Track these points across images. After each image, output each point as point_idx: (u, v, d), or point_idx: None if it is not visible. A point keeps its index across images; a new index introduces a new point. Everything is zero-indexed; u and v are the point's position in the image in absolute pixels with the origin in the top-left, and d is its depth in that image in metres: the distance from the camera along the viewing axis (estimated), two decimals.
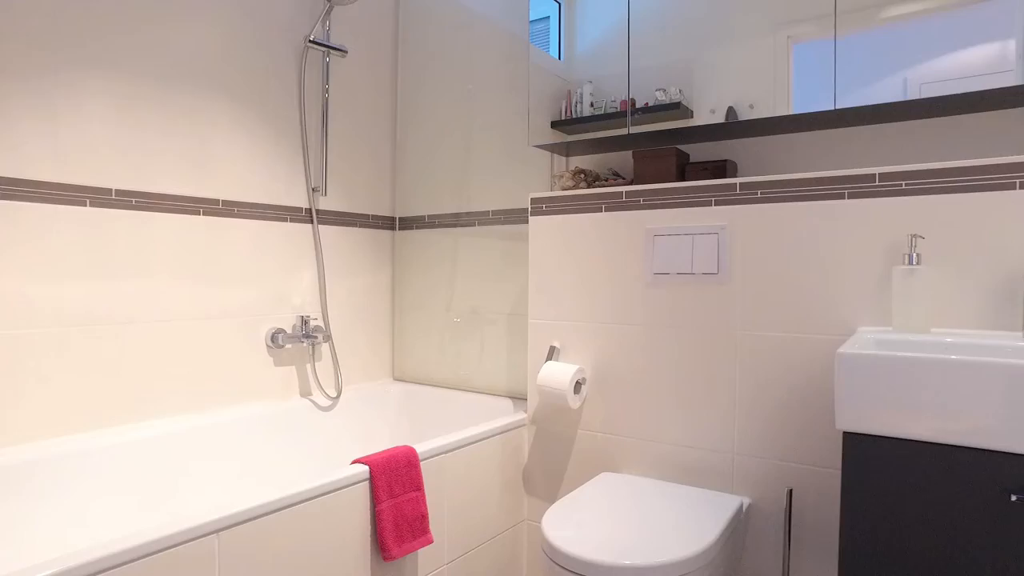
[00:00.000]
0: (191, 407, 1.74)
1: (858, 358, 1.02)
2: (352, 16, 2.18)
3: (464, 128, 2.16)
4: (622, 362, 1.66)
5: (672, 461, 1.60)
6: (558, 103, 1.73)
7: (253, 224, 1.88)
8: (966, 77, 1.24)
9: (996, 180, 1.23)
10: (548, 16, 1.79)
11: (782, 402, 1.45)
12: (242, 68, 1.85)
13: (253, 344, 1.89)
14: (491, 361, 2.10)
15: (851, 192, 1.38)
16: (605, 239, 1.68)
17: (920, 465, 0.98)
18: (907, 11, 1.28)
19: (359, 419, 2.11)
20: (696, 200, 1.55)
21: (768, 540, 1.48)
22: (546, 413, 1.80)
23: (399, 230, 2.34)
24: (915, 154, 1.41)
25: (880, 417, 1.00)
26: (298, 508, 1.22)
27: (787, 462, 1.45)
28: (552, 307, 1.78)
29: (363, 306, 2.24)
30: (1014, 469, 0.92)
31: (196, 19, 1.74)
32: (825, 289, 1.40)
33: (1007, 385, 0.91)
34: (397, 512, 1.41)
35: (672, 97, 1.56)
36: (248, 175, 1.87)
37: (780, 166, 1.56)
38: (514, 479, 1.81)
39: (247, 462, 1.77)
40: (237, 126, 1.84)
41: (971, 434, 0.94)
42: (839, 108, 1.36)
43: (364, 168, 2.24)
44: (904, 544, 1.00)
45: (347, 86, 2.17)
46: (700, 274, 1.54)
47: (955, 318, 1.29)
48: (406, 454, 1.45)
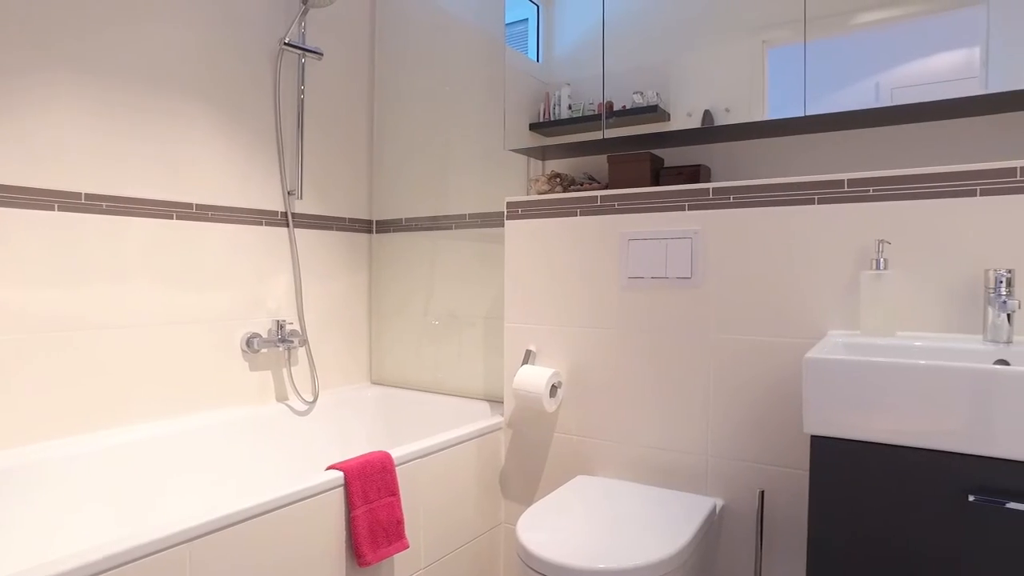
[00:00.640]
0: (165, 413, 1.72)
1: (825, 363, 1.04)
2: (328, 18, 2.16)
3: (442, 131, 2.16)
4: (597, 365, 1.68)
5: (647, 463, 1.61)
6: (536, 105, 1.74)
7: (228, 228, 1.87)
8: (935, 83, 1.26)
9: (958, 187, 1.26)
10: (526, 18, 1.79)
11: (754, 405, 1.47)
12: (216, 70, 1.83)
13: (228, 349, 1.87)
14: (468, 364, 2.10)
15: (821, 197, 1.40)
16: (580, 243, 1.69)
17: (885, 467, 1.00)
18: (878, 17, 1.30)
19: (336, 423, 2.10)
20: (670, 205, 1.57)
21: (741, 541, 1.50)
22: (522, 416, 1.81)
23: (376, 233, 2.33)
24: (886, 159, 1.44)
25: (846, 421, 1.02)
26: (271, 516, 1.21)
27: (759, 464, 1.47)
28: (528, 311, 1.78)
29: (340, 310, 2.23)
30: (972, 470, 0.94)
31: (168, 20, 1.72)
32: (796, 293, 1.42)
33: (966, 389, 0.93)
34: (372, 518, 1.40)
35: (649, 100, 1.57)
36: (222, 178, 1.85)
37: (754, 170, 1.58)
38: (491, 483, 1.81)
39: (223, 468, 1.76)
40: (211, 129, 1.82)
41: (932, 436, 0.96)
42: (809, 115, 1.38)
43: (340, 171, 2.23)
44: (869, 543, 1.02)
45: (323, 88, 2.16)
46: (674, 278, 1.55)
47: (921, 321, 1.31)
48: (381, 459, 1.45)
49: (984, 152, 1.33)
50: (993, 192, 1.23)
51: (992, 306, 1.17)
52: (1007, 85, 1.19)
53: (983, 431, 0.92)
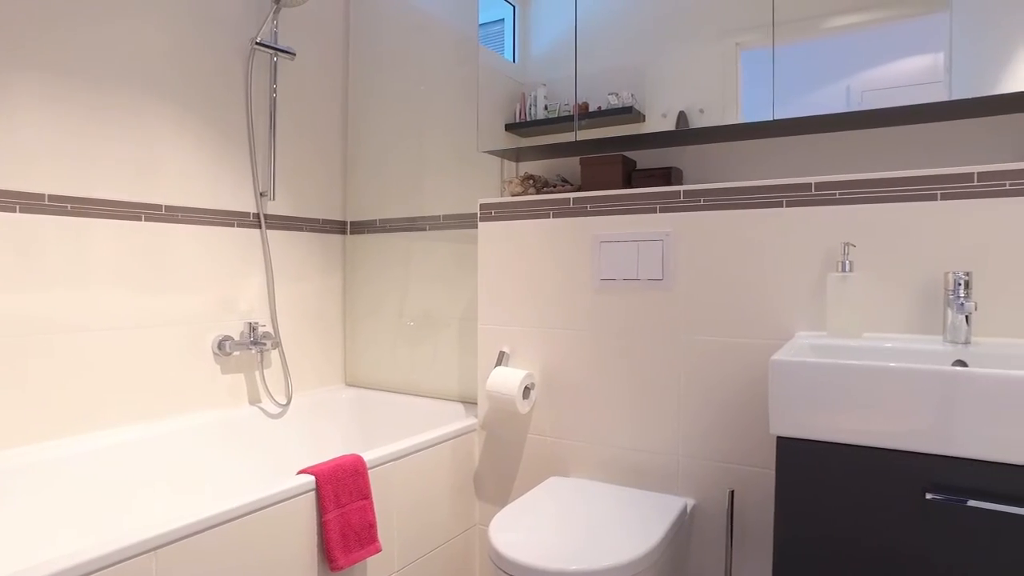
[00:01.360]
0: (134, 418, 1.70)
1: (790, 365, 1.05)
2: (301, 17, 2.14)
3: (416, 131, 2.16)
4: (570, 367, 1.68)
5: (619, 464, 1.62)
6: (512, 105, 1.74)
7: (198, 230, 1.84)
8: (904, 86, 1.28)
9: (920, 191, 1.29)
10: (503, 18, 1.79)
11: (725, 405, 1.49)
12: (185, 70, 1.81)
13: (199, 352, 1.85)
14: (443, 365, 2.10)
15: (789, 200, 1.42)
16: (553, 245, 1.70)
17: (848, 467, 1.02)
18: (848, 22, 1.32)
19: (310, 426, 2.09)
20: (641, 207, 1.58)
21: (712, 539, 1.51)
22: (496, 418, 1.81)
23: (350, 234, 2.32)
24: (856, 163, 1.45)
25: (811, 422, 1.04)
26: (240, 522, 1.20)
27: (730, 463, 1.49)
28: (501, 312, 1.79)
29: (314, 311, 2.21)
30: (930, 469, 0.96)
31: (135, 19, 1.69)
32: (765, 295, 1.44)
33: (925, 390, 0.95)
34: (344, 522, 1.40)
35: (624, 101, 1.57)
36: (193, 180, 1.83)
37: (726, 172, 1.60)
38: (465, 484, 1.81)
39: (194, 474, 1.74)
40: (181, 130, 1.80)
41: (893, 436, 0.98)
42: (777, 119, 1.40)
43: (314, 172, 2.21)
44: (834, 542, 1.04)
45: (296, 88, 2.14)
46: (645, 280, 1.57)
47: (885, 322, 1.34)
48: (353, 463, 1.44)
49: (950, 156, 1.36)
50: (953, 196, 1.26)
51: (951, 308, 1.20)
52: (970, 92, 1.22)
53: (942, 431, 0.95)
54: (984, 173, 1.23)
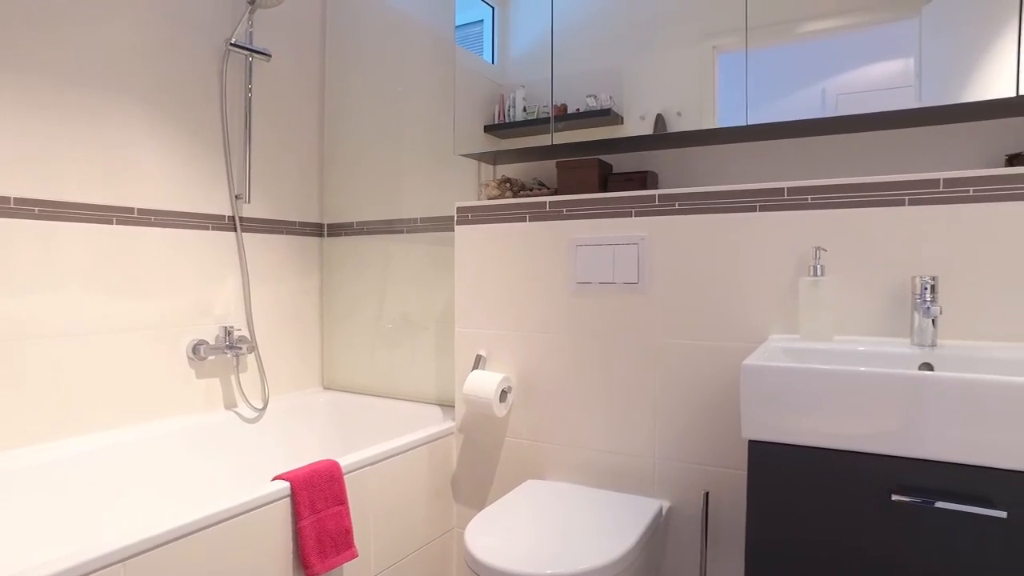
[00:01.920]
0: (107, 425, 1.67)
1: (761, 370, 1.07)
2: (277, 18, 2.13)
3: (394, 133, 2.15)
4: (547, 370, 1.69)
5: (596, 467, 1.63)
6: (492, 107, 1.73)
7: (172, 233, 1.82)
8: (877, 90, 1.30)
9: (888, 196, 1.31)
10: (482, 20, 1.78)
11: (700, 407, 1.50)
12: (158, 71, 1.78)
13: (173, 356, 1.83)
14: (421, 368, 2.09)
15: (762, 205, 1.44)
16: (530, 249, 1.70)
17: (817, 469, 1.04)
18: (822, 27, 1.34)
19: (287, 430, 2.08)
20: (617, 211, 1.59)
21: (687, 540, 1.53)
22: (473, 421, 1.81)
23: (327, 237, 2.30)
24: (830, 167, 1.47)
25: (781, 425, 1.05)
26: (214, 530, 1.19)
27: (705, 465, 1.50)
28: (478, 316, 1.79)
29: (290, 314, 2.19)
30: (895, 471, 0.98)
31: (105, 19, 1.66)
32: (739, 298, 1.46)
33: (892, 394, 0.97)
34: (320, 528, 1.39)
35: (603, 103, 1.58)
36: (166, 182, 1.81)
37: (703, 176, 1.61)
38: (442, 488, 1.81)
39: (168, 481, 1.72)
40: (154, 132, 1.77)
41: (861, 439, 1.00)
42: (750, 124, 1.41)
43: (290, 174, 2.20)
44: (805, 544, 1.05)
45: (272, 90, 2.12)
46: (621, 284, 1.58)
47: (856, 325, 1.36)
48: (328, 468, 1.43)
49: (921, 161, 1.38)
50: (920, 202, 1.28)
51: (918, 311, 1.22)
52: (938, 99, 1.24)
53: (907, 434, 0.96)
54: (949, 179, 1.26)
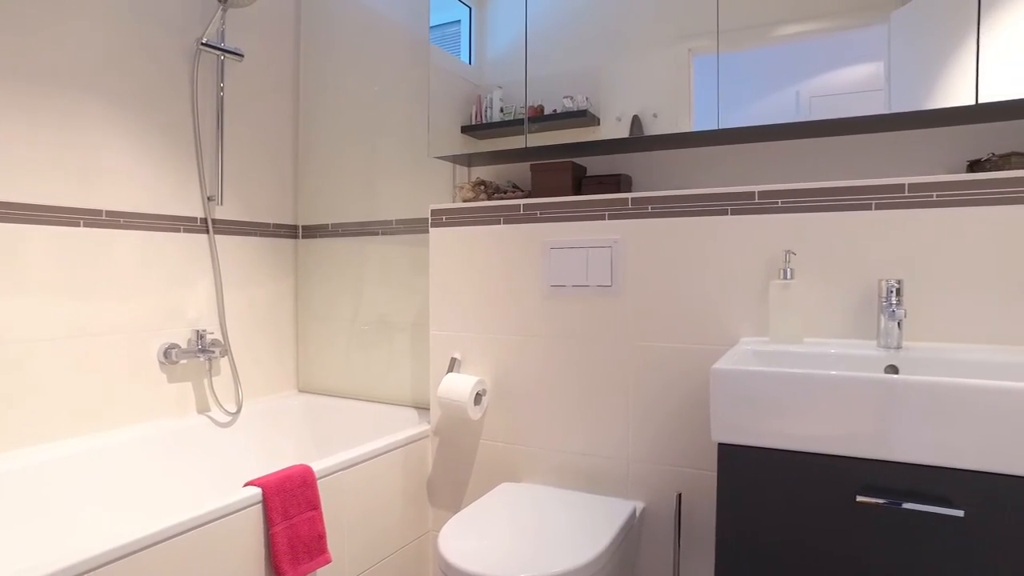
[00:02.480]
0: (74, 431, 1.64)
1: (730, 374, 1.08)
2: (249, 18, 2.10)
3: (370, 134, 2.13)
4: (522, 373, 1.69)
5: (570, 469, 1.64)
6: (469, 108, 1.73)
7: (142, 235, 1.79)
8: (848, 93, 1.31)
9: (856, 200, 1.33)
10: (459, 20, 1.78)
11: (672, 409, 1.51)
12: (126, 71, 1.76)
13: (143, 361, 1.80)
14: (397, 371, 2.09)
15: (734, 209, 1.45)
16: (504, 251, 1.70)
17: (786, 471, 1.05)
18: (795, 31, 1.35)
19: (261, 434, 2.06)
20: (590, 214, 1.59)
21: (661, 541, 1.54)
22: (448, 424, 1.81)
23: (302, 239, 2.29)
24: (802, 170, 1.48)
25: (751, 428, 1.06)
26: (183, 539, 1.17)
27: (678, 467, 1.51)
28: (453, 319, 1.78)
29: (265, 317, 2.17)
30: (859, 472, 1.00)
31: (71, 17, 1.63)
32: (710, 301, 1.47)
33: (855, 397, 0.99)
34: (292, 534, 1.38)
35: (579, 105, 1.58)
36: (136, 184, 1.78)
37: (677, 178, 1.61)
38: (418, 491, 1.81)
39: (139, 488, 1.69)
40: (123, 133, 1.75)
41: (827, 441, 1.01)
42: (722, 128, 1.42)
43: (264, 176, 2.17)
44: (774, 543, 1.06)
45: (245, 90, 2.10)
46: (594, 287, 1.58)
47: (825, 327, 1.38)
48: (301, 473, 1.42)
49: (890, 166, 1.40)
50: (886, 206, 1.31)
51: (884, 314, 1.24)
52: (905, 104, 1.26)
53: (872, 436, 0.98)
54: (913, 184, 1.28)
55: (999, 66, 1.19)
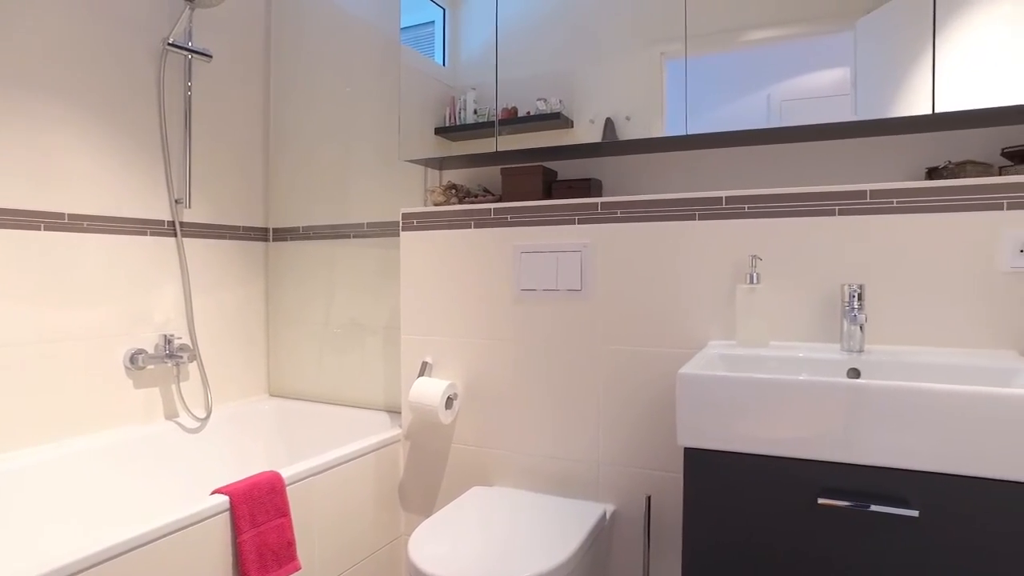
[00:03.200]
0: (35, 440, 1.61)
1: (695, 379, 1.09)
2: (218, 18, 2.07)
3: (342, 136, 2.12)
4: (493, 377, 1.69)
5: (541, 472, 1.64)
6: (443, 109, 1.72)
7: (106, 239, 1.76)
8: (817, 97, 1.33)
9: (820, 206, 1.35)
10: (433, 21, 1.77)
11: (642, 412, 1.53)
12: (90, 71, 1.72)
13: (109, 367, 1.77)
14: (369, 374, 2.07)
15: (701, 213, 1.47)
16: (475, 255, 1.70)
17: (749, 475, 1.07)
18: (764, 36, 1.37)
19: (231, 440, 2.03)
20: (560, 218, 1.60)
21: (631, 543, 1.55)
22: (420, 428, 1.81)
23: (273, 241, 2.26)
24: (771, 175, 1.50)
25: (716, 433, 1.08)
26: (148, 548, 1.16)
27: (647, 469, 1.53)
28: (424, 322, 1.78)
29: (235, 321, 2.15)
30: (820, 475, 1.02)
31: (30, 15, 1.59)
32: (679, 305, 1.49)
33: (815, 401, 1.01)
34: (261, 541, 1.37)
35: (552, 107, 1.58)
36: (100, 187, 1.75)
37: (647, 183, 1.63)
38: (389, 495, 1.80)
39: (102, 496, 1.66)
40: (85, 134, 1.71)
41: (789, 445, 1.03)
42: (690, 134, 1.44)
43: (234, 178, 2.15)
44: (739, 545, 1.08)
45: (214, 92, 2.07)
46: (565, 291, 1.59)
47: (790, 331, 1.40)
48: (270, 480, 1.41)
49: (855, 172, 1.43)
50: (849, 212, 1.33)
51: (846, 318, 1.26)
52: (869, 111, 1.28)
53: (833, 440, 1.00)
54: (875, 191, 1.31)
55: (954, 77, 1.22)
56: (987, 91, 1.20)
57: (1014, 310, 1.22)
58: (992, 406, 0.91)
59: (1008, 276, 1.23)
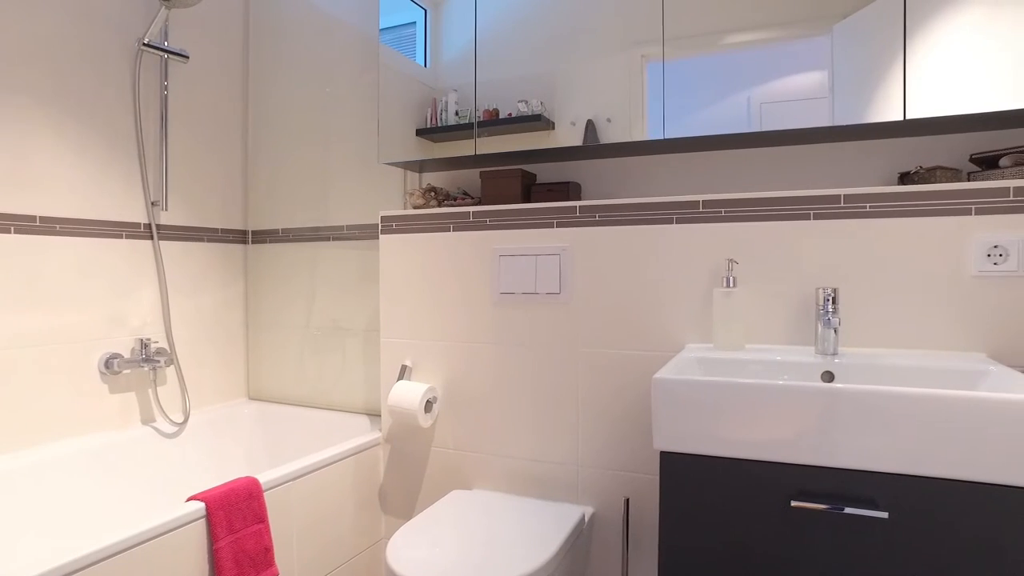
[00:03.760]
0: (7, 447, 1.58)
1: (671, 383, 1.10)
2: (196, 18, 2.05)
3: (321, 138, 2.10)
4: (473, 380, 1.69)
5: (521, 475, 1.65)
6: (424, 110, 1.71)
7: (80, 242, 1.74)
8: (796, 100, 1.34)
9: (795, 210, 1.37)
10: (414, 22, 1.76)
11: (621, 415, 1.53)
12: (63, 72, 1.70)
13: (83, 372, 1.74)
14: (350, 377, 2.07)
15: (679, 217, 1.48)
16: (454, 259, 1.70)
17: (724, 478, 1.08)
18: (745, 39, 1.38)
19: (210, 444, 2.01)
20: (539, 222, 1.60)
21: (610, 546, 1.56)
22: (400, 432, 1.80)
23: (252, 244, 2.24)
24: (748, 179, 1.51)
25: (691, 437, 1.09)
26: (121, 558, 1.14)
27: (626, 472, 1.53)
28: (404, 326, 1.78)
29: (213, 324, 2.13)
30: (794, 478, 1.03)
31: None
32: (657, 308, 1.50)
33: (788, 405, 1.02)
34: (238, 548, 1.36)
35: (534, 109, 1.58)
36: (74, 189, 1.72)
37: (626, 186, 1.63)
38: (370, 499, 1.80)
39: (76, 504, 1.64)
40: (58, 136, 1.69)
41: (763, 448, 1.04)
42: (668, 138, 1.44)
43: (212, 180, 2.13)
44: (713, 547, 1.09)
45: (191, 93, 2.05)
46: (544, 294, 1.59)
47: (766, 334, 1.42)
48: (247, 486, 1.40)
49: (832, 176, 1.44)
50: (823, 216, 1.35)
51: (820, 321, 1.28)
52: (845, 116, 1.30)
53: (806, 443, 1.01)
54: (849, 196, 1.32)
55: (925, 84, 1.24)
56: (956, 98, 1.22)
57: (982, 313, 1.25)
58: (958, 409, 0.93)
59: (976, 280, 1.25)
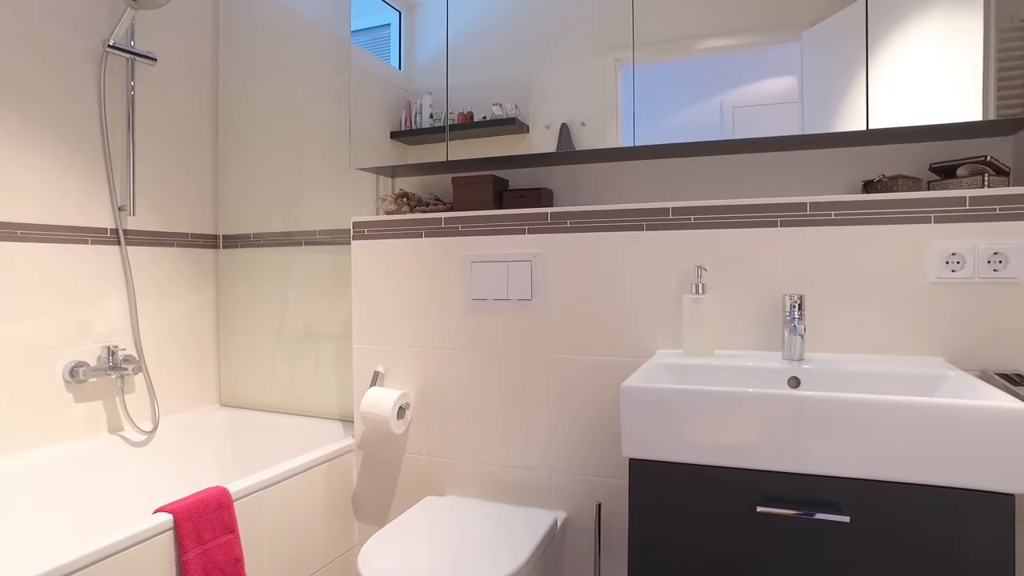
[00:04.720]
0: None
1: (639, 391, 1.11)
2: (163, 19, 2.02)
3: (294, 141, 2.08)
4: (445, 386, 1.69)
5: (494, 481, 1.65)
6: (399, 113, 1.71)
7: (44, 248, 1.70)
8: (767, 104, 1.36)
9: (762, 218, 1.39)
10: (388, 24, 1.75)
11: (592, 421, 1.54)
12: (20, 73, 1.66)
13: (46, 381, 1.71)
14: (323, 383, 2.05)
15: (649, 224, 1.49)
16: (426, 265, 1.70)
17: (692, 484, 1.09)
18: (716, 45, 1.39)
19: (180, 452, 1.99)
20: (511, 228, 1.61)
21: (582, 550, 1.57)
22: (372, 438, 1.79)
23: (223, 248, 2.22)
24: (720, 185, 1.53)
25: (659, 443, 1.10)
26: (85, 573, 1.12)
27: (598, 477, 1.54)
28: (376, 332, 1.77)
29: (184, 330, 2.10)
30: (759, 484, 1.04)
31: None
32: (627, 314, 1.51)
33: (753, 411, 1.03)
34: (207, 560, 1.34)
35: (508, 112, 1.58)
36: (35, 194, 1.69)
37: (598, 192, 1.64)
38: (343, 506, 1.79)
39: (39, 517, 1.60)
40: (18, 140, 1.65)
41: (729, 455, 1.05)
42: (638, 145, 1.46)
43: (182, 184, 2.09)
44: (681, 551, 1.10)
45: (159, 94, 2.01)
46: (515, 300, 1.60)
47: (734, 340, 1.43)
48: (216, 496, 1.39)
49: (799, 183, 1.47)
50: (790, 224, 1.37)
51: (787, 328, 1.30)
52: (813, 126, 1.32)
53: (770, 449, 1.03)
54: (814, 203, 1.35)
55: (887, 94, 1.26)
56: (917, 108, 1.24)
57: (941, 319, 1.28)
58: (919, 415, 0.95)
59: (935, 286, 1.28)
